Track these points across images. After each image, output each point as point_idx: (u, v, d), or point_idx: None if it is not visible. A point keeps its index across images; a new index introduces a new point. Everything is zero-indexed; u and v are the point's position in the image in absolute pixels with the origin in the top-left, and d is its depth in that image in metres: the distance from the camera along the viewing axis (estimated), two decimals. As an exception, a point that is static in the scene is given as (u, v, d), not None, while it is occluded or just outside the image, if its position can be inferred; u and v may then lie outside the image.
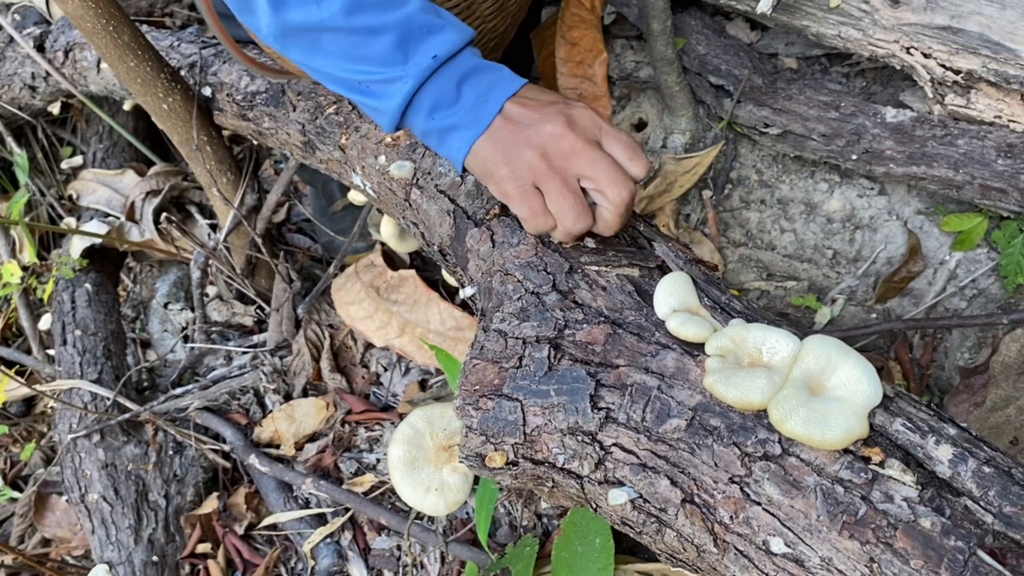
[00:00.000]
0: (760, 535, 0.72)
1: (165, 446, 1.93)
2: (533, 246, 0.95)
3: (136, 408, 1.90)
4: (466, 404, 0.88)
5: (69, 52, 2.27)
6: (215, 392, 1.97)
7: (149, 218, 2.29)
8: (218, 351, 2.04)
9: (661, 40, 1.69)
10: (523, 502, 1.65)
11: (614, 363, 0.82)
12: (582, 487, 0.83)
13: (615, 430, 0.80)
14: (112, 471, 1.86)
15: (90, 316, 2.08)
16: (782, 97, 1.71)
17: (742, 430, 0.75)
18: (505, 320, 0.90)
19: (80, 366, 1.98)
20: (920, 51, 1.49)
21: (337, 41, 0.93)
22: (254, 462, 1.86)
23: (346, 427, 1.90)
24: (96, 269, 2.21)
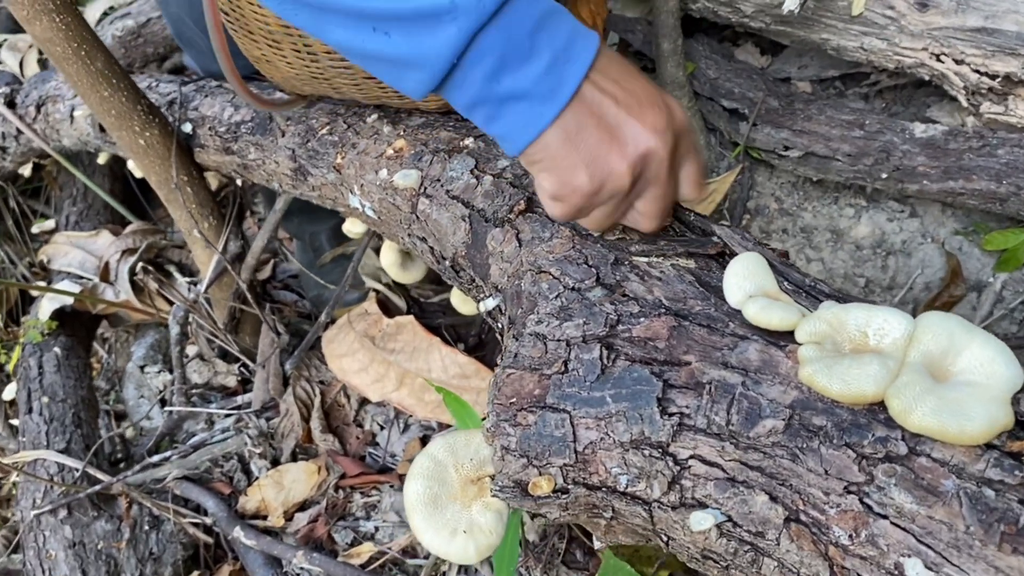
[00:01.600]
0: (890, 556, 0.57)
1: (140, 521, 1.74)
2: (569, 239, 0.82)
3: (107, 479, 1.72)
4: (501, 421, 0.73)
5: (41, 107, 2.16)
6: (195, 459, 1.79)
7: (125, 277, 2.14)
8: (199, 415, 1.86)
9: (672, 61, 1.60)
10: (543, 567, 1.47)
11: (683, 360, 0.68)
12: (651, 515, 0.68)
13: (692, 439, 0.65)
14: (80, 551, 1.67)
15: (59, 382, 1.91)
16: (801, 118, 1.61)
17: (855, 428, 0.60)
18: (542, 321, 0.76)
19: (47, 435, 1.80)
20: (952, 57, 1.40)
21: None
22: (239, 535, 1.67)
23: (340, 493, 1.72)
24: (67, 333, 2.05)
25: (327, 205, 1.36)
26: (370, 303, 1.80)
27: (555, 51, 0.69)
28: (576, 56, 0.70)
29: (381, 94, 1.12)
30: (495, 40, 0.66)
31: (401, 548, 1.62)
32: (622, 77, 0.73)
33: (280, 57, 1.12)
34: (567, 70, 0.69)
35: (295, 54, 1.09)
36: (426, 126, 1.15)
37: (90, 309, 2.12)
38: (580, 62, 0.70)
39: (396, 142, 1.15)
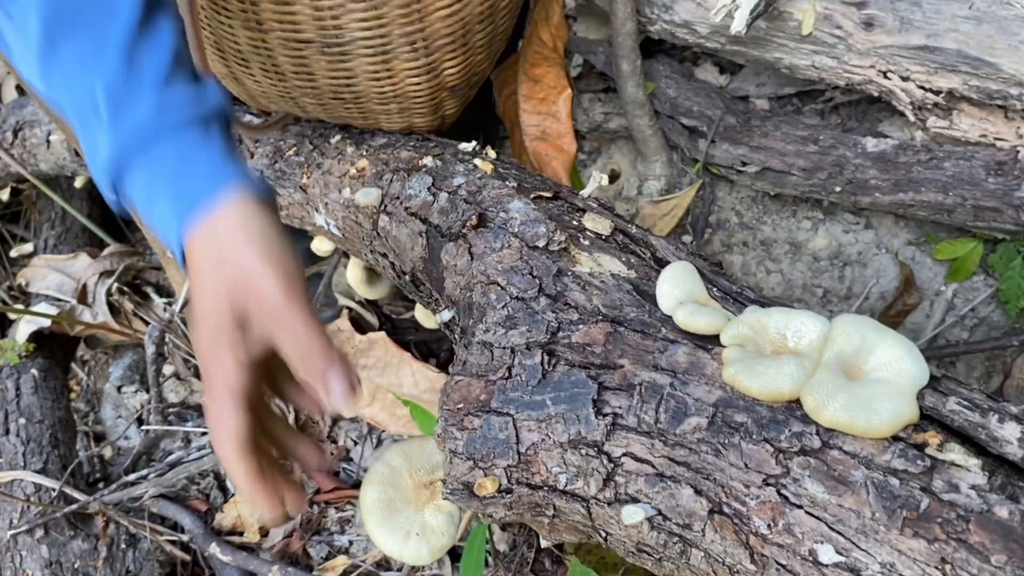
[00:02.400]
0: (805, 544, 0.61)
1: (117, 539, 1.76)
2: (518, 250, 0.86)
3: (84, 499, 1.74)
4: (449, 426, 0.76)
5: (19, 132, 2.18)
6: (172, 477, 1.81)
7: (103, 299, 2.16)
8: (175, 433, 1.89)
9: (631, 82, 1.64)
10: (515, 568, 1.50)
11: (617, 363, 0.72)
12: (589, 511, 0.71)
13: (624, 437, 0.69)
14: (57, 570, 1.68)
15: (36, 403, 1.93)
16: (758, 135, 1.66)
17: (773, 424, 0.64)
18: (489, 330, 0.80)
19: (23, 456, 1.82)
20: (898, 74, 1.45)
21: None
22: (215, 551, 1.69)
23: (315, 508, 1.74)
24: (44, 355, 2.07)
25: (294, 224, 1.40)
26: (342, 320, 1.83)
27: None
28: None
29: (345, 114, 1.16)
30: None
31: (375, 561, 1.65)
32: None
33: (248, 75, 1.15)
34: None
35: (263, 72, 1.12)
36: (388, 146, 1.19)
37: (68, 331, 2.15)
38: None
39: (359, 162, 1.19)
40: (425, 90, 1.10)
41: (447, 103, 1.17)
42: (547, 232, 0.86)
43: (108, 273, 2.22)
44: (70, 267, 2.33)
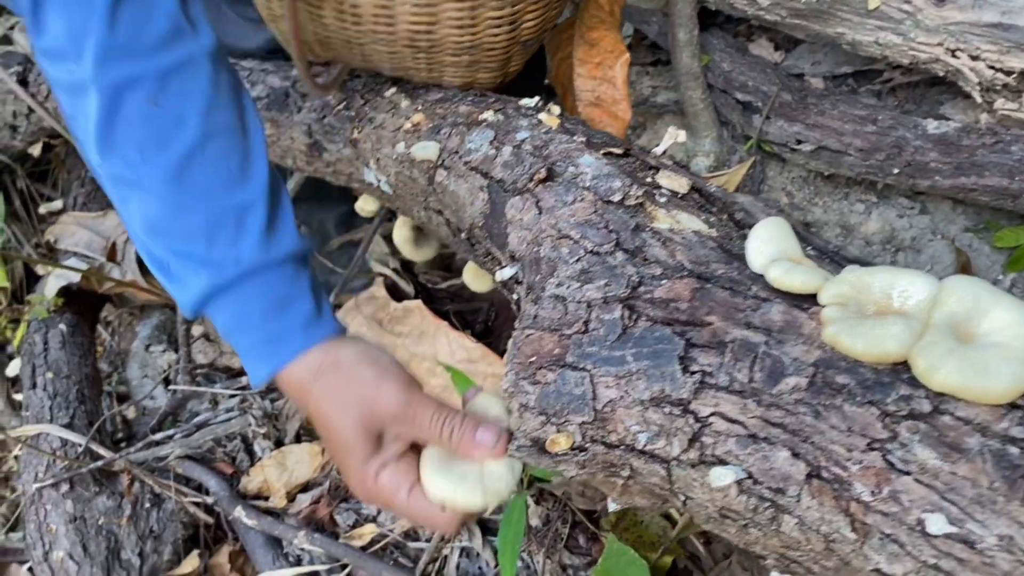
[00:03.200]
0: (913, 512, 0.57)
1: (141, 498, 1.73)
2: (591, 203, 0.82)
3: (110, 455, 1.71)
4: (520, 379, 0.73)
5: (54, 85, 2.16)
6: (199, 439, 1.79)
7: (132, 257, 2.14)
8: (203, 394, 1.86)
9: (687, 51, 1.60)
10: (545, 551, 1.47)
11: (705, 320, 0.68)
12: (669, 473, 0.68)
13: (714, 396, 0.65)
14: (81, 525, 1.66)
15: (63, 359, 1.91)
16: (814, 112, 1.62)
17: (878, 386, 0.60)
18: (562, 284, 0.76)
19: (50, 410, 1.80)
20: (967, 53, 1.41)
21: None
22: (240, 515, 1.67)
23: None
24: (72, 311, 2.04)
25: (340, 182, 1.36)
26: (378, 287, 1.80)
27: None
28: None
29: (411, 65, 1.12)
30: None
31: (403, 531, 1.62)
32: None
33: (316, 17, 1.09)
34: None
35: (337, 15, 1.07)
36: (444, 101, 1.15)
37: (96, 288, 2.12)
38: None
39: (414, 116, 1.15)
40: (502, 42, 1.07)
41: (515, 58, 1.13)
42: (622, 187, 0.83)
43: (138, 232, 2.19)
44: (99, 225, 2.31)
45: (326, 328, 0.83)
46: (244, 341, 0.82)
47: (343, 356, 0.80)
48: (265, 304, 0.81)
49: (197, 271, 0.80)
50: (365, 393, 0.78)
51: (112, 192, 0.83)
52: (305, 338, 0.81)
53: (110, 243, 2.20)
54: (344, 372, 0.79)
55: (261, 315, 0.81)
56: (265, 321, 0.81)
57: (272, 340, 0.81)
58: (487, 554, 1.53)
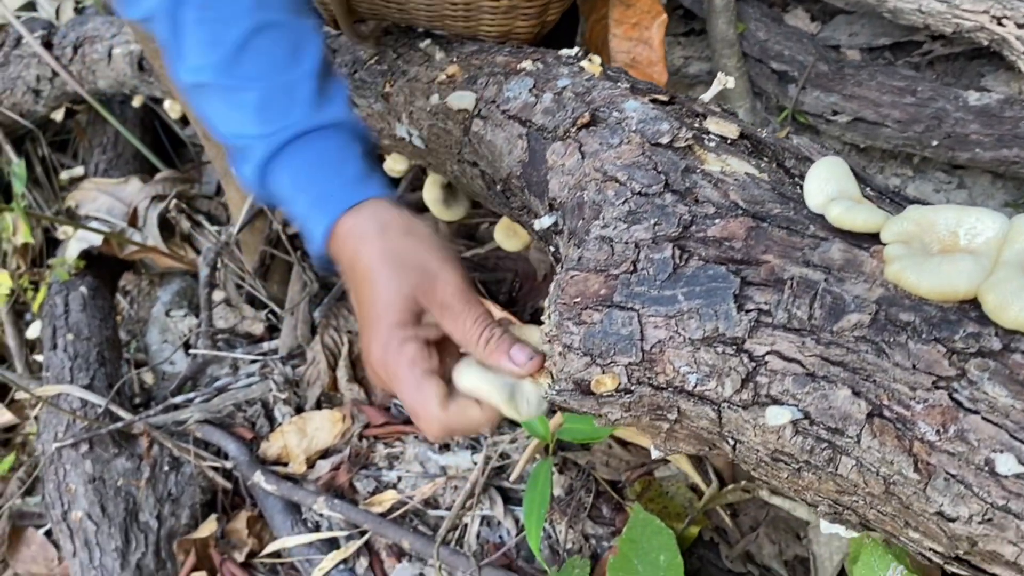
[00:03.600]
0: (981, 452, 0.54)
1: (160, 461, 1.73)
2: (639, 146, 0.79)
3: (130, 417, 1.71)
4: (564, 320, 0.70)
5: (78, 48, 2.15)
6: (218, 403, 1.78)
7: (154, 223, 2.13)
8: (223, 359, 1.85)
9: (723, 18, 1.57)
10: (568, 520, 1.45)
11: (761, 259, 0.66)
12: (719, 415, 0.65)
13: (770, 334, 0.63)
14: (100, 486, 1.66)
15: (84, 321, 1.90)
16: (851, 83, 1.58)
17: (945, 324, 0.58)
18: (608, 225, 0.74)
19: (70, 371, 1.79)
20: (1014, 21, 1.37)
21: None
22: (259, 480, 1.65)
23: (364, 442, 1.70)
24: (93, 275, 2.04)
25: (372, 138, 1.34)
26: (402, 254, 1.78)
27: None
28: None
29: (449, 12, 1.10)
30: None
31: (423, 499, 1.60)
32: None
33: None
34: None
35: None
36: (480, 52, 1.13)
37: (117, 253, 2.11)
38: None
39: (449, 68, 1.13)
40: (541, -14, 1.05)
41: (552, 8, 1.11)
42: (670, 129, 0.80)
43: (160, 198, 2.19)
44: (120, 191, 2.30)
45: (382, 188, 0.86)
46: (302, 204, 0.86)
47: (417, 227, 0.83)
48: (317, 162, 0.85)
49: (255, 147, 0.85)
50: (429, 267, 0.79)
51: (193, 103, 0.90)
52: (360, 191, 0.84)
53: (131, 209, 2.20)
54: (414, 239, 0.81)
55: (314, 172, 0.85)
56: (318, 178, 0.85)
57: (326, 195, 0.84)
58: (508, 522, 1.52)
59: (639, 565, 1.27)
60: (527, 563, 1.48)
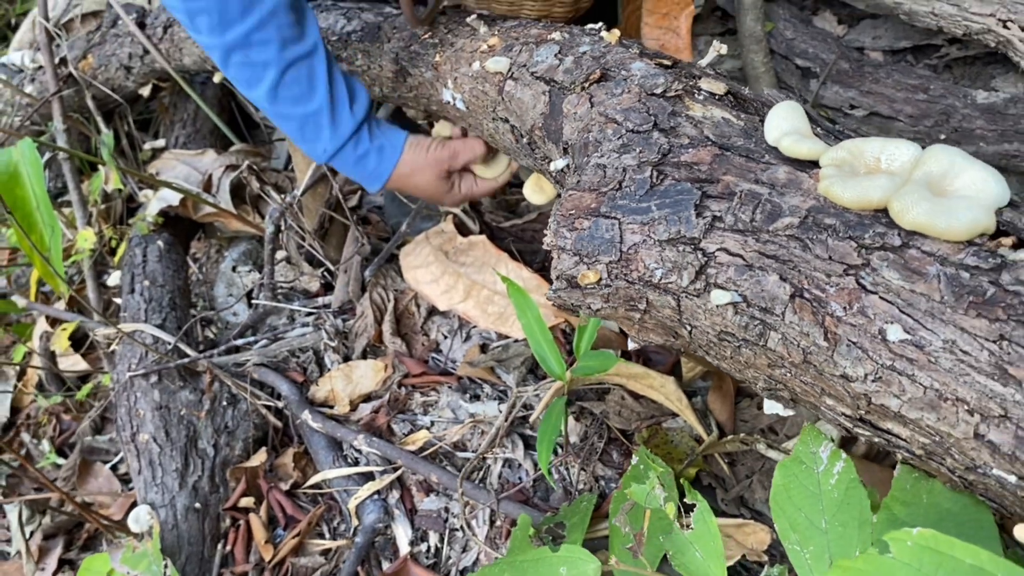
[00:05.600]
0: (876, 324, 0.68)
1: (220, 397, 1.91)
2: (636, 95, 0.94)
3: (195, 355, 1.90)
4: (560, 227, 0.85)
5: (168, 28, 2.36)
6: (275, 349, 1.96)
7: (226, 189, 2.33)
8: (281, 311, 2.03)
9: (751, 15, 1.71)
10: (580, 463, 1.59)
11: (721, 179, 0.80)
12: (679, 304, 0.80)
13: (720, 235, 0.77)
14: (165, 413, 1.85)
15: (159, 270, 2.11)
16: (870, 80, 1.71)
17: (859, 226, 0.71)
18: (604, 155, 0.89)
19: (145, 312, 1.99)
20: (1018, 24, 1.48)
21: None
22: (307, 418, 1.83)
23: (402, 390, 1.86)
24: (169, 232, 2.25)
25: (420, 106, 1.51)
26: (446, 223, 1.95)
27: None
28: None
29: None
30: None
31: (452, 442, 1.75)
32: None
33: None
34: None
35: None
36: (519, 26, 1.29)
37: (191, 215, 2.32)
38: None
39: (490, 40, 1.29)
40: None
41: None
42: (665, 82, 0.95)
43: (233, 167, 2.39)
44: (197, 162, 2.51)
45: (394, 155, 1.35)
46: (356, 178, 1.39)
47: (421, 143, 1.38)
48: (352, 162, 1.34)
49: (310, 149, 1.33)
50: (439, 150, 1.38)
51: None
52: (385, 168, 1.36)
53: (207, 176, 2.40)
54: (422, 163, 1.37)
55: (354, 167, 1.35)
56: (359, 169, 1.35)
57: (369, 176, 1.37)
58: (527, 464, 1.66)
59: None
60: (542, 501, 1.62)
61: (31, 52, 2.78)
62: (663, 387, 1.54)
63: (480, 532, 1.63)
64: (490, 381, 1.81)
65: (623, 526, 0.99)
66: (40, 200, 1.77)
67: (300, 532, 1.74)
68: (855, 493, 0.77)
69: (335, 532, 1.78)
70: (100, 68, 2.56)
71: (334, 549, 1.73)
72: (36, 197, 1.77)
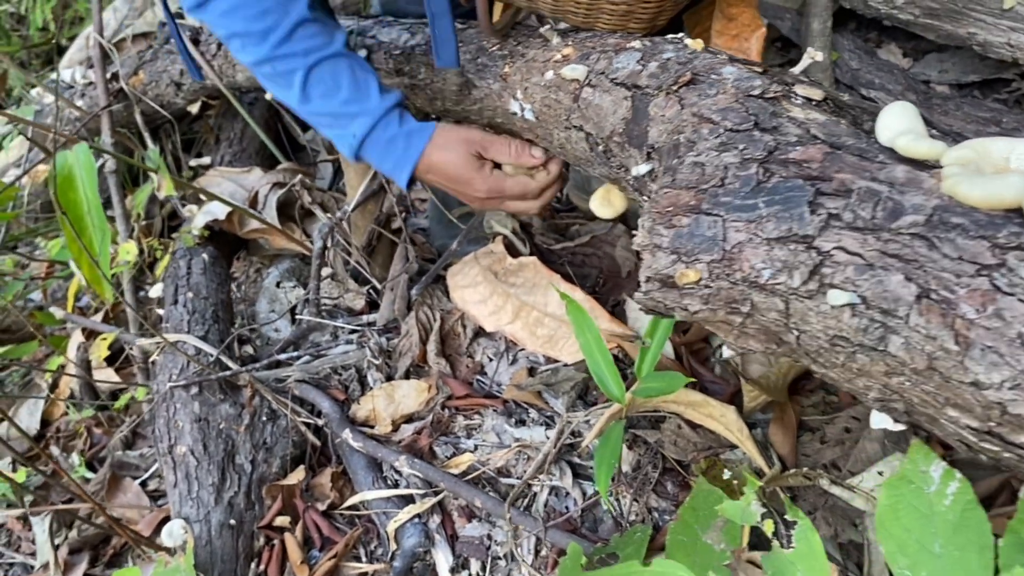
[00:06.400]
0: (1014, 327, 0.63)
1: (259, 412, 1.87)
2: (733, 95, 0.91)
3: (236, 368, 1.87)
4: (656, 224, 0.82)
5: (221, 45, 2.37)
6: (318, 365, 1.92)
7: (272, 205, 2.32)
8: (325, 327, 2.00)
9: (819, 42, 1.68)
10: (633, 493, 1.53)
11: (834, 177, 0.76)
12: (787, 307, 0.75)
13: (837, 233, 0.73)
14: (204, 426, 1.81)
15: (203, 283, 2.09)
16: (938, 112, 1.67)
17: (990, 225, 0.67)
18: (701, 154, 0.85)
19: (188, 323, 1.97)
20: (1099, 55, 1.45)
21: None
22: (347, 437, 1.78)
23: (446, 412, 1.82)
24: (214, 246, 2.23)
25: (484, 118, 1.49)
26: (496, 243, 1.91)
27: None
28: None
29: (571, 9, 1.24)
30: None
31: (496, 468, 1.70)
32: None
33: None
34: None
35: None
36: (593, 37, 1.26)
37: (236, 230, 2.31)
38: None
39: (564, 50, 1.27)
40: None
41: (664, 14, 1.24)
42: (762, 84, 0.92)
43: (280, 185, 2.38)
44: (243, 179, 2.50)
45: (423, 137, 1.32)
46: (387, 171, 1.37)
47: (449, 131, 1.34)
48: (382, 147, 1.34)
49: (343, 141, 1.35)
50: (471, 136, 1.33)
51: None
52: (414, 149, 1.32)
53: (252, 193, 2.39)
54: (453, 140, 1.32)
55: (384, 153, 1.34)
56: (388, 155, 1.34)
57: (399, 161, 1.34)
58: (576, 493, 1.60)
59: (699, 530, 1.34)
60: (591, 531, 1.56)
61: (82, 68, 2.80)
62: (723, 417, 1.48)
63: (526, 560, 1.57)
64: (537, 406, 1.76)
65: (716, 544, 0.93)
66: (92, 205, 1.76)
67: (336, 554, 1.69)
68: (973, 515, 0.72)
69: (372, 556, 1.73)
70: (151, 84, 2.57)
71: (371, 573, 1.67)
72: (88, 201, 1.76)
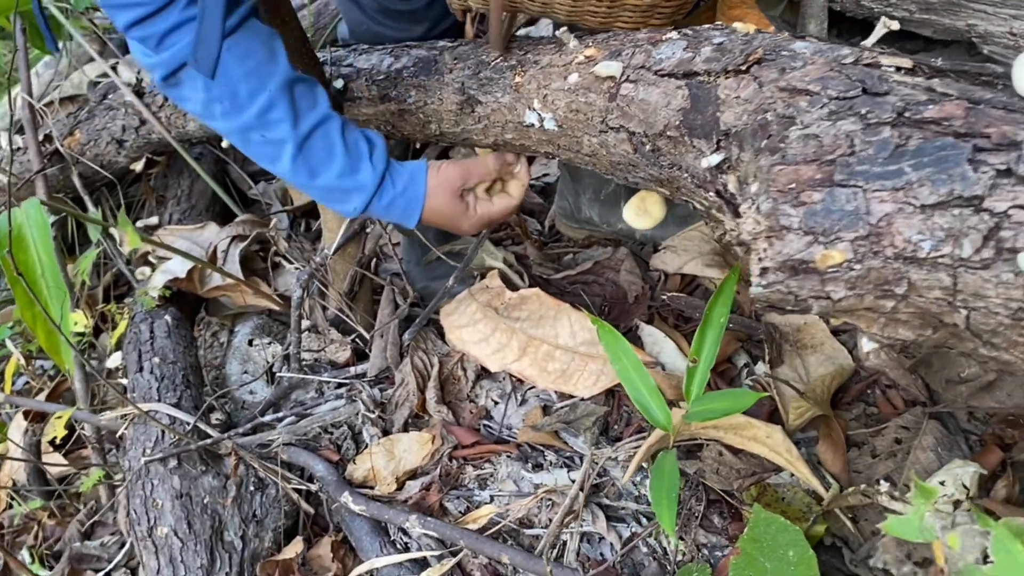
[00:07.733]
0: None
1: (246, 481, 1.69)
2: (825, 64, 0.82)
3: (217, 435, 1.69)
4: (779, 204, 0.71)
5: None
6: (305, 425, 1.76)
7: (235, 259, 2.16)
8: (309, 383, 1.84)
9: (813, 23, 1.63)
10: (679, 530, 1.41)
11: (986, 132, 0.67)
12: (954, 282, 0.65)
13: (1011, 190, 0.63)
14: (187, 502, 1.62)
15: (169, 346, 1.91)
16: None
17: None
18: (811, 125, 0.76)
19: (158, 391, 1.78)
20: (1108, 36, 1.42)
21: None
22: (347, 500, 1.61)
23: (453, 463, 1.67)
24: (175, 306, 2.05)
25: (488, 136, 1.38)
26: (491, 278, 1.79)
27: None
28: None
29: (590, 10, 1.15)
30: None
31: (518, 519, 1.55)
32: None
33: None
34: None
35: None
36: (617, 36, 1.17)
37: (197, 289, 2.13)
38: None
39: (586, 51, 1.17)
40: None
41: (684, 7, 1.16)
42: (851, 52, 0.83)
43: (241, 238, 2.22)
44: (197, 236, 2.34)
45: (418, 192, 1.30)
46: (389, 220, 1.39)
47: (430, 205, 1.32)
48: (382, 210, 1.31)
49: (340, 208, 1.31)
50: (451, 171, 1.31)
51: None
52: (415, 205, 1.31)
53: (211, 248, 2.23)
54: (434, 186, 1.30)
55: (385, 214, 1.32)
56: (389, 215, 1.32)
57: (401, 218, 1.32)
58: (612, 537, 1.47)
59: (767, 563, 1.22)
60: (635, 579, 1.43)
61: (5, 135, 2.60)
62: (769, 438, 1.38)
63: (566, 619, 1.42)
64: (555, 447, 1.63)
65: (900, 566, 0.82)
66: (47, 266, 1.58)
67: (351, 632, 1.51)
68: None
69: (388, 631, 1.55)
70: (89, 144, 2.40)
71: (392, 650, 1.50)
72: (42, 263, 1.58)
